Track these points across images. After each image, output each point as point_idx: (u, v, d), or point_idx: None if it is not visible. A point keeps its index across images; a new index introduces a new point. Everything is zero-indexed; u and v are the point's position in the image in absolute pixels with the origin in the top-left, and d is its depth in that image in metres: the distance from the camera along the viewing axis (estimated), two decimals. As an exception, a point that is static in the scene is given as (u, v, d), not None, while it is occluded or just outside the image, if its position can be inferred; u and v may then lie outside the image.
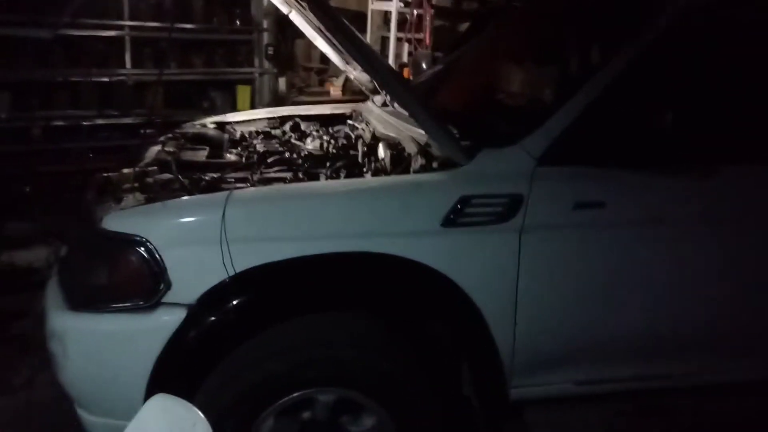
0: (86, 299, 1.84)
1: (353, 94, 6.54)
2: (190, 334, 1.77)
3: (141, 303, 1.78)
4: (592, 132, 1.96)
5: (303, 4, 2.18)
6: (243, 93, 6.11)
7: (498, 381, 2.05)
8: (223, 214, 1.77)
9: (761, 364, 2.24)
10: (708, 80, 2.00)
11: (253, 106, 6.03)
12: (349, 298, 1.93)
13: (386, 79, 1.99)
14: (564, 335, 2.07)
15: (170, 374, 1.79)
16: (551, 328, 2.04)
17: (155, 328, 1.77)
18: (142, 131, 5.55)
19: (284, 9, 3.13)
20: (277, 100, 6.07)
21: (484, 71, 2.95)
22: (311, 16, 2.78)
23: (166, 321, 1.77)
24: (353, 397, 1.89)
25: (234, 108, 5.97)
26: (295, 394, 1.84)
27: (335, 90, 6.50)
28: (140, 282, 1.78)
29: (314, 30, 3.09)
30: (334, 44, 3.13)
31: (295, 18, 3.18)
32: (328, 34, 2.22)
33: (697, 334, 2.14)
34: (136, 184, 2.13)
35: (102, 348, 1.81)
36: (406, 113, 2.39)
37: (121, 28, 5.43)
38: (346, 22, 1.95)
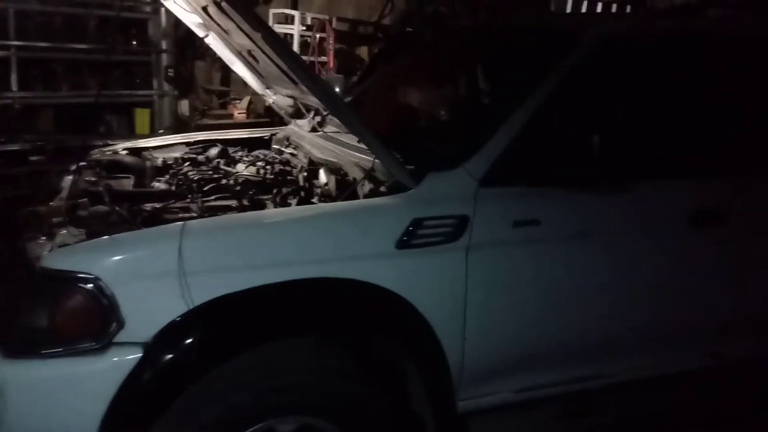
0: (25, 345, 1.71)
1: (257, 117, 6.49)
2: (146, 374, 1.69)
3: (91, 344, 1.68)
4: (526, 154, 2.11)
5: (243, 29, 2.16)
6: (142, 116, 5.87)
7: (448, 395, 2.12)
8: (180, 246, 1.72)
9: (681, 358, 2.48)
10: (625, 104, 2.21)
11: (152, 130, 5.82)
12: (309, 323, 1.93)
13: (335, 104, 2.02)
14: (507, 346, 2.18)
15: (124, 418, 1.70)
16: (496, 340, 2.14)
17: (108, 369, 1.68)
18: (31, 158, 5.23)
19: (200, 33, 3.09)
20: (180, 124, 5.89)
21: (410, 97, 3.05)
22: (236, 40, 2.76)
23: (119, 362, 1.68)
24: (314, 424, 1.89)
25: (132, 132, 5.73)
26: (255, 427, 1.81)
27: (239, 113, 6.40)
28: (90, 322, 1.69)
29: (232, 53, 3.07)
30: (253, 68, 3.12)
31: (212, 42, 3.14)
32: (273, 59, 2.20)
33: (624, 335, 2.34)
34: (66, 218, 2.02)
35: (47, 397, 1.67)
36: (346, 138, 2.44)
37: (6, 48, 5.06)
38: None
